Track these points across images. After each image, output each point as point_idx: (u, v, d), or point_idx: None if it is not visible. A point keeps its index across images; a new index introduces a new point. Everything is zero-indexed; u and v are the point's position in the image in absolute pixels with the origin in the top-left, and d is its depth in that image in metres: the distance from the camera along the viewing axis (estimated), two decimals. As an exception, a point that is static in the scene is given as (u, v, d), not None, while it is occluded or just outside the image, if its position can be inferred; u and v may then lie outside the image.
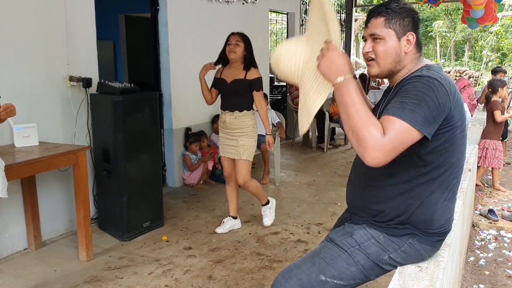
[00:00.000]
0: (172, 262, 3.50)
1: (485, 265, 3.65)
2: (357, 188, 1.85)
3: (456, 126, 1.59)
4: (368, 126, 1.45)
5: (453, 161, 1.65)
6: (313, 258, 1.79)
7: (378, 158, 1.45)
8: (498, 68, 7.28)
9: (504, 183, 5.87)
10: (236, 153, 3.90)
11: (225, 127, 3.94)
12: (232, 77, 3.85)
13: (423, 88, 1.51)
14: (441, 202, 1.68)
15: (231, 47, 3.79)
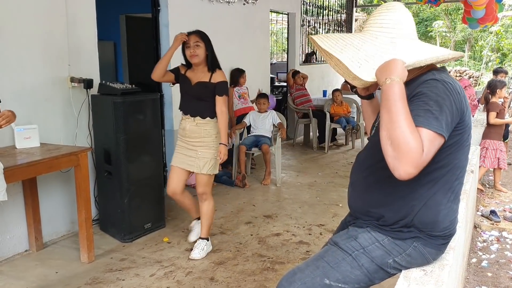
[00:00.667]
0: (174, 264, 3.49)
1: (488, 267, 3.64)
2: (358, 191, 1.83)
3: (465, 129, 1.58)
4: (414, 140, 1.38)
5: (456, 162, 1.64)
6: (317, 262, 1.78)
7: (412, 174, 1.41)
8: (499, 69, 7.27)
9: (505, 183, 5.86)
10: (195, 166, 3.51)
11: (184, 134, 3.55)
12: (197, 79, 3.50)
13: (442, 93, 1.50)
14: (444, 203, 1.67)
15: (191, 50, 3.40)
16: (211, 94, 3.47)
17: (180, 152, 3.57)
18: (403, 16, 1.63)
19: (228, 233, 4.08)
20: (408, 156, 1.38)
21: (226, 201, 4.96)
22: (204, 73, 3.50)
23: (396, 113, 1.42)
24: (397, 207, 1.67)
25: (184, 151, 3.55)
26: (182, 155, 3.55)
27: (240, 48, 6.65)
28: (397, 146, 1.40)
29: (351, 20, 12.13)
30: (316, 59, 9.89)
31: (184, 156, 3.54)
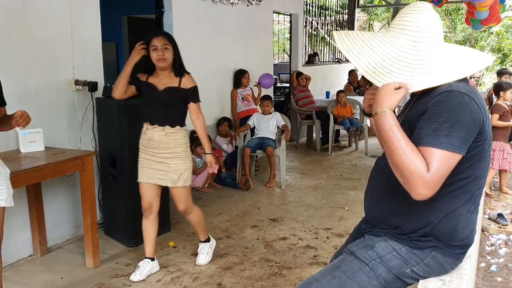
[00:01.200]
0: (181, 269, 3.45)
1: (497, 271, 3.60)
2: (377, 199, 1.79)
3: (486, 139, 1.54)
4: (411, 164, 1.41)
5: (478, 173, 1.61)
6: (333, 272, 1.74)
7: (425, 194, 1.43)
8: (503, 70, 7.25)
9: (510, 186, 5.82)
10: (169, 180, 3.20)
11: (151, 146, 3.18)
12: (164, 85, 3.18)
13: (455, 107, 1.46)
14: (464, 213, 1.64)
15: (160, 53, 3.07)
16: (182, 101, 3.21)
17: (147, 167, 3.21)
18: (428, 18, 1.55)
19: (234, 237, 4.04)
20: (412, 180, 1.42)
21: (231, 204, 4.92)
22: (170, 78, 3.19)
23: (391, 142, 1.46)
24: (416, 217, 1.64)
25: (151, 164, 3.20)
26: (149, 170, 3.21)
27: (244, 49, 6.61)
28: (401, 173, 1.45)
29: (353, 20, 12.09)
30: (318, 60, 9.85)
31: (153, 171, 3.20)
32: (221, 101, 6.18)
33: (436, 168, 1.41)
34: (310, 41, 9.72)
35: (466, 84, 1.54)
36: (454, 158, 1.44)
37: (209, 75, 5.84)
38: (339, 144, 7.93)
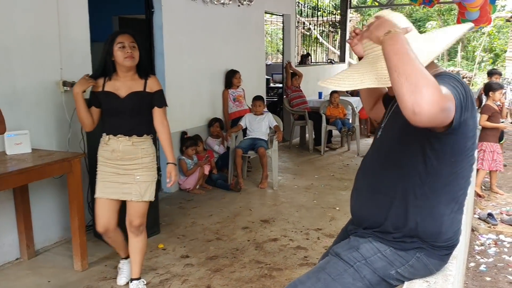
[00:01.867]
0: (169, 272, 3.42)
1: (486, 271, 3.61)
2: (362, 198, 1.78)
3: (469, 136, 1.53)
4: (428, 75, 1.25)
5: (460, 172, 1.60)
6: (318, 274, 1.73)
7: (431, 110, 1.22)
8: (494, 70, 7.26)
9: (501, 185, 5.84)
10: (134, 193, 2.91)
11: (114, 157, 2.89)
12: (127, 89, 2.88)
13: (455, 80, 1.44)
14: (448, 213, 1.63)
15: (128, 51, 2.81)
16: (148, 106, 2.95)
17: (109, 181, 2.92)
18: (396, 18, 1.55)
19: (224, 239, 4.02)
20: (429, 86, 1.23)
21: (222, 206, 4.90)
22: (134, 81, 2.91)
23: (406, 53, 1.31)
24: (400, 215, 1.63)
25: (114, 178, 2.91)
26: (112, 184, 2.91)
27: (236, 49, 6.60)
28: (415, 77, 1.25)
29: (346, 21, 12.10)
30: (311, 61, 9.85)
31: (116, 185, 2.91)
32: (212, 102, 6.16)
33: (446, 94, 1.30)
34: (303, 42, 9.71)
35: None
36: (452, 107, 1.33)
37: (200, 75, 5.82)
38: (331, 145, 7.93)
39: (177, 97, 5.37)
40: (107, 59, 2.86)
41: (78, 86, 2.84)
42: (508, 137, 8.65)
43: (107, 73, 2.90)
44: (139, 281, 3.11)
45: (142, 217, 3.00)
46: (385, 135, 1.75)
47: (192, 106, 5.72)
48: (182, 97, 5.49)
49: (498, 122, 5.34)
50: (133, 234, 3.02)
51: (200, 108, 5.91)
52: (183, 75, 5.48)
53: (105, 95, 2.89)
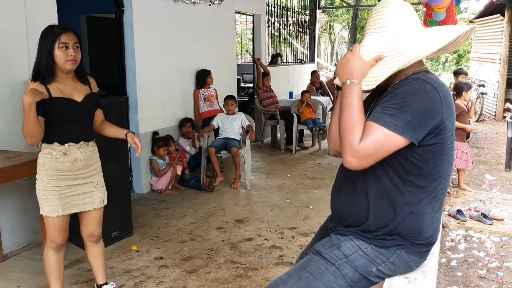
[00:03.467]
0: (144, 274, 3.37)
1: (457, 266, 3.69)
2: (343, 196, 1.78)
3: (447, 136, 1.56)
4: (351, 131, 1.51)
5: (441, 171, 1.63)
6: (300, 273, 1.73)
7: (351, 163, 1.51)
8: (460, 70, 7.45)
9: (468, 182, 5.99)
10: (97, 200, 2.77)
11: (76, 167, 2.64)
12: (80, 92, 2.65)
13: (410, 92, 1.51)
14: (429, 212, 1.65)
15: (72, 52, 2.51)
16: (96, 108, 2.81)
17: (69, 195, 2.65)
18: (400, 10, 1.61)
19: (198, 240, 3.98)
20: (344, 146, 1.52)
21: (195, 206, 4.86)
22: (76, 83, 2.66)
23: (347, 109, 1.55)
24: (381, 214, 1.65)
25: (73, 190, 2.67)
26: (73, 197, 2.67)
27: (206, 49, 6.56)
28: (341, 137, 1.55)
29: (315, 21, 12.21)
30: (281, 61, 9.89)
31: (77, 197, 2.68)
32: (184, 102, 6.10)
33: (368, 141, 1.48)
34: (272, 42, 9.74)
35: (437, 78, 1.58)
36: (394, 138, 1.48)
37: (171, 75, 5.76)
38: (302, 144, 7.97)
39: (148, 97, 5.30)
40: (48, 59, 2.51)
41: (31, 96, 2.40)
42: (473, 135, 8.89)
43: (47, 76, 2.53)
44: (110, 285, 3.01)
45: (101, 225, 2.88)
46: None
47: (163, 106, 5.65)
48: (153, 97, 5.42)
49: (466, 121, 5.48)
50: (94, 243, 2.90)
51: (172, 108, 5.85)
52: (154, 75, 5.41)
53: (58, 101, 2.55)
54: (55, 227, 2.69)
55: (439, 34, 1.59)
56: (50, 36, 2.51)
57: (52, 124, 2.59)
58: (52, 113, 2.56)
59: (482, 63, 12.37)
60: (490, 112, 11.56)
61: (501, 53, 10.76)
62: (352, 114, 1.54)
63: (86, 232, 2.84)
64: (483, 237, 4.23)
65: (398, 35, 1.60)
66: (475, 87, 11.53)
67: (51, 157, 2.61)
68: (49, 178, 2.62)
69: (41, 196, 2.65)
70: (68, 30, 2.54)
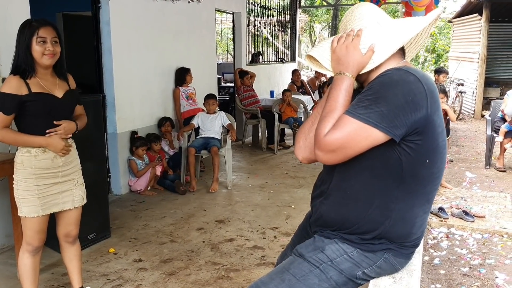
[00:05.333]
0: (122, 277, 3.27)
1: (440, 264, 3.67)
2: (330, 202, 1.66)
3: (438, 132, 1.49)
4: (323, 122, 1.46)
5: (436, 172, 1.55)
6: (282, 275, 1.65)
7: (318, 156, 1.46)
8: (442, 69, 7.49)
9: (449, 180, 6.02)
10: (77, 198, 2.72)
11: (56, 165, 2.59)
12: (60, 88, 2.60)
13: (389, 82, 1.43)
14: (421, 215, 1.59)
15: (50, 47, 2.45)
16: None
17: (49, 194, 2.59)
18: (372, 5, 1.61)
19: (178, 241, 3.89)
20: (315, 138, 1.47)
21: (175, 207, 4.77)
22: (55, 79, 2.61)
23: (331, 101, 1.50)
24: (372, 218, 1.56)
25: (53, 189, 2.61)
26: (52, 196, 2.61)
27: (186, 47, 6.46)
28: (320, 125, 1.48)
29: (295, 21, 12.19)
30: (262, 60, 9.84)
31: (57, 196, 2.63)
32: (163, 101, 5.99)
33: (335, 135, 1.42)
34: (253, 41, 9.68)
35: (421, 70, 1.53)
36: (366, 131, 1.40)
37: (150, 73, 5.65)
38: (284, 143, 7.92)
39: (126, 95, 5.19)
40: (27, 54, 2.45)
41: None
42: (453, 134, 8.97)
43: (27, 71, 2.47)
44: None
45: (79, 224, 2.81)
46: None
47: (142, 105, 5.54)
48: (131, 96, 5.30)
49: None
50: (70, 244, 2.81)
51: (151, 107, 5.73)
52: (132, 73, 5.30)
53: (39, 97, 2.49)
54: (34, 228, 2.61)
55: (415, 20, 1.56)
56: (27, 30, 2.45)
57: (32, 120, 2.52)
58: (31, 108, 2.49)
59: (460, 62, 12.50)
60: (469, 111, 11.69)
61: (479, 52, 10.89)
62: (332, 106, 1.49)
63: (63, 232, 2.76)
64: (465, 235, 4.23)
65: (381, 23, 1.56)
66: (454, 85, 11.65)
67: (29, 155, 2.53)
68: (28, 177, 2.54)
69: (19, 196, 2.57)
70: (47, 24, 2.49)
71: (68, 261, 2.85)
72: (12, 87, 2.42)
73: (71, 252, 2.83)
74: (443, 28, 21.13)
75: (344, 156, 1.45)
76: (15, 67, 2.48)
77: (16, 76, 2.45)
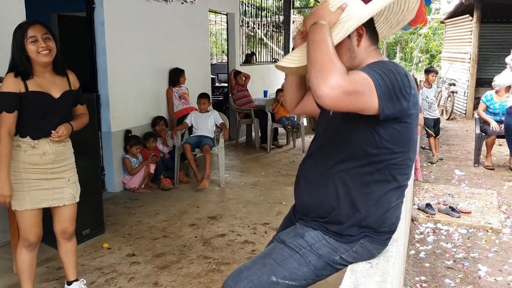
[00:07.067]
0: (115, 270, 3.36)
1: (425, 258, 3.78)
2: (309, 188, 1.78)
3: (413, 125, 1.60)
4: (335, 61, 1.37)
5: (409, 162, 1.67)
6: (264, 260, 1.75)
7: (331, 93, 1.32)
8: (431, 68, 7.59)
9: (438, 178, 6.13)
10: (67, 197, 2.75)
11: (45, 161, 2.63)
12: (58, 88, 2.65)
13: (388, 69, 1.49)
14: (394, 200, 1.69)
15: (42, 44, 2.50)
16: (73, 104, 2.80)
17: (38, 188, 2.64)
18: None
19: (171, 236, 3.98)
20: (331, 71, 1.34)
21: (168, 204, 4.86)
22: (55, 77, 2.66)
23: (322, 42, 1.42)
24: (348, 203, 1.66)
25: (43, 184, 2.65)
26: (42, 191, 2.65)
27: (180, 47, 6.54)
28: (321, 64, 1.37)
29: (289, 21, 12.28)
30: (256, 60, 9.93)
31: (46, 191, 2.67)
32: (157, 100, 6.07)
33: (354, 79, 1.38)
34: (247, 42, 9.77)
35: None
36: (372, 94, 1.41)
37: (144, 73, 5.74)
38: (277, 142, 8.02)
39: (120, 95, 5.27)
40: (22, 56, 2.51)
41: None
42: (443, 133, 9.09)
43: (25, 72, 2.54)
44: (80, 281, 2.99)
45: (74, 222, 2.86)
46: (330, 125, 1.76)
47: (136, 104, 5.62)
48: (125, 95, 5.39)
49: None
50: (67, 240, 2.87)
51: (144, 106, 5.82)
52: (126, 73, 5.38)
53: (35, 96, 2.55)
54: (26, 222, 2.68)
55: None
56: (18, 33, 2.52)
57: (27, 118, 2.58)
58: (26, 108, 2.55)
59: (452, 62, 12.63)
60: (460, 110, 11.82)
61: (470, 53, 11.02)
62: (329, 49, 1.41)
63: (59, 228, 2.83)
64: (451, 230, 4.34)
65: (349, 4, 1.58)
66: (446, 86, 11.77)
67: (19, 150, 2.60)
68: (17, 171, 2.59)
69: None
70: (35, 23, 2.53)
71: (64, 255, 2.92)
72: (11, 85, 2.50)
73: (67, 248, 2.90)
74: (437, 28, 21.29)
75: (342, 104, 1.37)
76: (11, 67, 2.55)
77: (13, 74, 2.52)
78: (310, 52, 1.43)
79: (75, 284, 2.96)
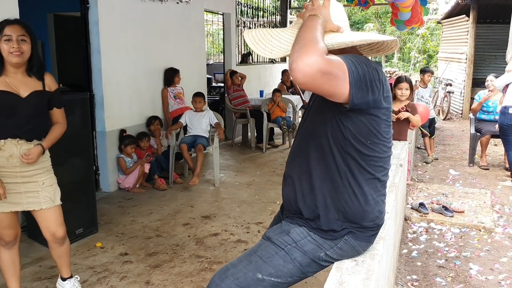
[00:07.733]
0: (108, 269, 3.36)
1: (418, 257, 3.79)
2: (291, 183, 1.81)
3: (382, 119, 1.62)
4: (319, 42, 1.41)
5: (379, 154, 1.68)
6: (250, 257, 1.77)
7: (306, 69, 1.34)
8: (426, 68, 7.61)
9: (433, 177, 6.15)
10: (44, 201, 2.66)
11: (12, 164, 2.56)
12: (27, 88, 2.58)
13: (362, 60, 1.52)
14: (371, 193, 1.70)
15: (15, 45, 2.47)
16: (47, 107, 2.70)
17: (9, 192, 2.56)
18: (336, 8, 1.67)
19: (164, 236, 3.99)
20: (312, 47, 1.37)
21: (162, 204, 4.86)
22: (27, 78, 2.60)
23: (311, 28, 1.47)
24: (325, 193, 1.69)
25: (13, 188, 2.57)
26: (14, 195, 2.59)
27: (175, 47, 6.55)
28: (304, 43, 1.39)
29: (286, 21, 12.29)
30: (252, 60, 9.94)
31: (18, 195, 2.60)
32: (152, 100, 6.08)
33: (331, 59, 1.40)
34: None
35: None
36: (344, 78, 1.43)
37: (138, 73, 5.74)
38: (273, 142, 8.03)
39: (115, 94, 5.28)
40: None
41: None
42: (440, 133, 9.12)
43: None
44: (74, 279, 2.99)
45: (63, 224, 2.79)
46: (305, 118, 1.81)
47: (130, 103, 5.63)
48: (120, 95, 5.39)
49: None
50: (59, 244, 2.82)
51: (139, 106, 5.83)
52: (120, 72, 5.39)
53: (2, 95, 2.50)
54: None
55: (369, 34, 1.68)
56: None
57: None
58: None
59: (449, 62, 12.66)
60: (457, 111, 11.85)
61: (467, 53, 11.04)
62: (317, 33, 1.46)
63: (48, 233, 2.76)
64: (443, 229, 4.35)
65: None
66: (443, 86, 11.80)
67: None
68: None
69: None
70: (14, 22, 2.51)
71: (57, 258, 2.90)
72: None
73: (61, 250, 2.86)
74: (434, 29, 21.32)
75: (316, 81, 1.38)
76: None
77: None
78: (299, 34, 1.47)
79: (69, 281, 2.96)
